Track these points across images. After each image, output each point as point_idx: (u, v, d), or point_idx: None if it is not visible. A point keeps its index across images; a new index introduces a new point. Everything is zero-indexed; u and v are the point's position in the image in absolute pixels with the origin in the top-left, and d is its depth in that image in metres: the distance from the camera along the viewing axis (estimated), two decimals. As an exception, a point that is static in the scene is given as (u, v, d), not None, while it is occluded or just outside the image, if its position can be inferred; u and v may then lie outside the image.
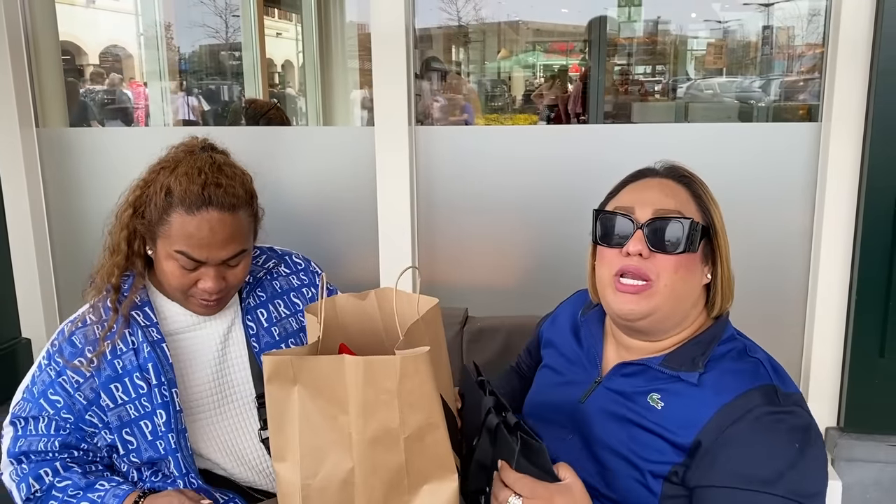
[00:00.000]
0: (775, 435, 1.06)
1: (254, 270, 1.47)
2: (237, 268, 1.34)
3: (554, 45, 8.13)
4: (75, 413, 1.32)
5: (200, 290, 1.32)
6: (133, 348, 1.32)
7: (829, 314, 2.03)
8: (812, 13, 5.11)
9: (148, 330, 1.34)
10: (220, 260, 1.30)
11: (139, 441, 1.32)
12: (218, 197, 1.28)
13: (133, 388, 1.31)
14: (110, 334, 1.32)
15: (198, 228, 1.27)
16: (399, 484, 0.96)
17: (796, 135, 2.05)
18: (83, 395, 1.31)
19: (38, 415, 1.33)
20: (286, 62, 10.17)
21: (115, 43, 10.58)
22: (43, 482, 1.32)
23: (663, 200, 1.18)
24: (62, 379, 1.32)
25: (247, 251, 1.36)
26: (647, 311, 1.17)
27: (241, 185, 1.35)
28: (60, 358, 1.32)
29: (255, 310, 1.45)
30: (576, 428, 1.24)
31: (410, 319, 1.01)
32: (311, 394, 0.95)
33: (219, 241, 1.29)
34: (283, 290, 1.50)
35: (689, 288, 1.18)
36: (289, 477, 0.98)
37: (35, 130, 2.36)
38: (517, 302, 2.24)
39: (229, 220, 1.29)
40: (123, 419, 1.31)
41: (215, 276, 1.31)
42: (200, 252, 1.28)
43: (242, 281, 1.38)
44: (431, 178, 2.20)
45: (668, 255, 1.15)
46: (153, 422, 1.31)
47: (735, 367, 1.15)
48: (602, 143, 2.16)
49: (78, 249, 2.44)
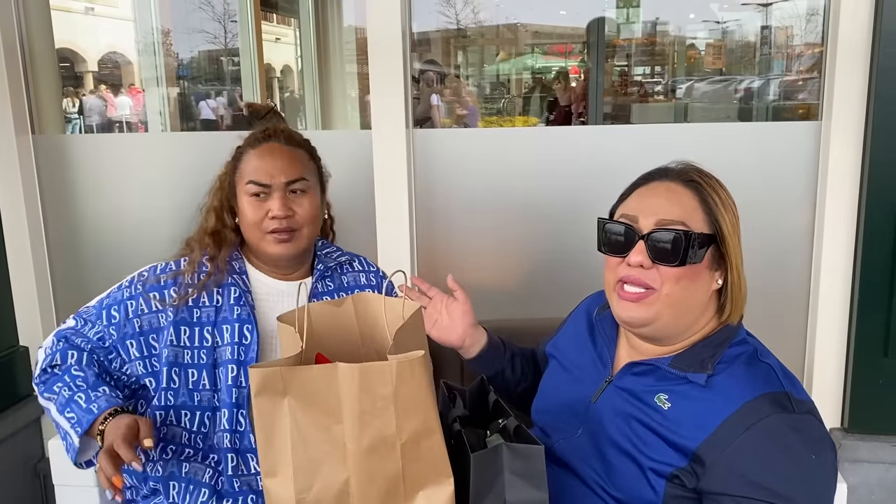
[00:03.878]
0: (790, 446, 1.05)
1: (327, 260, 1.60)
2: (303, 199, 1.48)
3: (553, 47, 8.13)
4: (121, 333, 1.44)
5: (270, 221, 1.45)
6: (216, 306, 1.46)
7: (831, 314, 2.01)
8: (811, 12, 5.10)
9: (246, 296, 1.48)
10: (283, 182, 1.46)
11: (181, 385, 1.43)
12: (277, 133, 1.53)
13: (199, 338, 1.44)
14: (204, 284, 1.47)
15: (261, 157, 1.48)
16: (396, 491, 0.95)
17: (796, 134, 2.03)
18: (139, 323, 1.44)
19: (94, 321, 1.47)
20: (285, 67, 10.19)
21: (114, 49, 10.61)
22: (65, 362, 1.44)
23: (668, 209, 1.17)
24: (129, 303, 1.46)
25: (310, 183, 1.50)
26: (648, 319, 1.17)
27: (302, 137, 1.58)
28: (140, 286, 1.48)
29: (321, 296, 1.56)
30: (586, 426, 1.24)
31: (395, 324, 1.00)
32: (303, 405, 0.94)
33: (280, 166, 1.46)
34: (350, 286, 1.61)
35: (694, 296, 1.17)
36: (281, 493, 0.96)
37: (31, 137, 2.35)
38: (516, 306, 2.22)
39: (288, 151, 1.50)
40: (178, 360, 1.43)
41: (281, 201, 1.44)
42: (266, 176, 1.46)
43: (311, 219, 1.49)
44: (429, 182, 2.19)
45: (670, 268, 1.15)
46: (200, 375, 1.43)
47: (746, 371, 1.14)
48: (601, 145, 2.15)
49: (75, 256, 2.43)
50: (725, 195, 1.20)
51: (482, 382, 1.25)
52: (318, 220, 1.54)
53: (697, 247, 1.14)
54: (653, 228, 1.16)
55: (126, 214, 2.38)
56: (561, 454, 1.25)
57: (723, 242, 1.17)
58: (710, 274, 1.18)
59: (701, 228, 1.16)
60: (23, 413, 2.35)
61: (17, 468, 2.34)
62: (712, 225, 1.17)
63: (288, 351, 1.03)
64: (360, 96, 5.92)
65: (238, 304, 1.46)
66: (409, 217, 2.16)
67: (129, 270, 2.36)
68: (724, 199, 1.19)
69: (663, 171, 1.24)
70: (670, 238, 1.14)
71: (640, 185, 1.25)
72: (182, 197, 2.35)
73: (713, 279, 1.19)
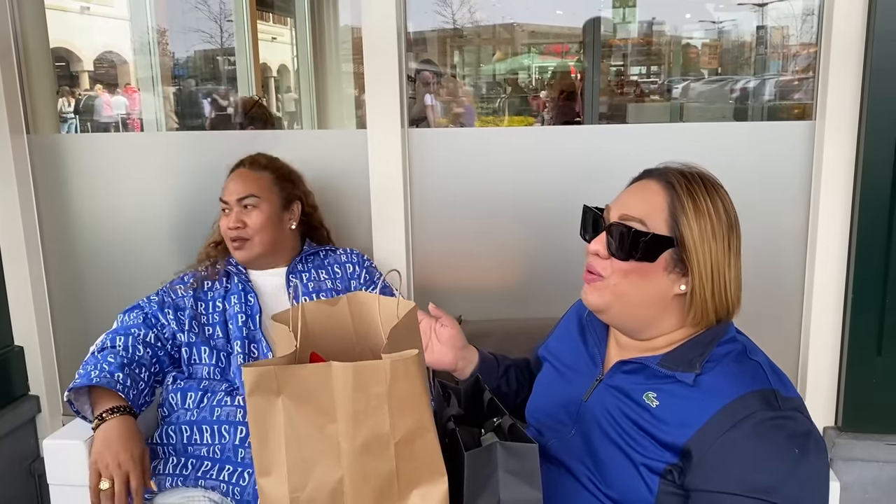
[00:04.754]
0: (775, 441, 1.06)
1: (308, 250, 1.96)
2: (251, 212, 1.84)
3: (549, 47, 8.14)
4: (157, 304, 1.84)
5: (228, 230, 1.84)
6: (224, 286, 1.87)
7: (825, 313, 2.02)
8: (806, 13, 5.12)
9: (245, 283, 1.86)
10: (236, 199, 1.85)
11: (200, 332, 1.80)
12: (246, 161, 1.93)
13: (213, 306, 1.84)
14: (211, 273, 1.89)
15: (229, 180, 1.90)
16: (389, 490, 0.95)
17: (790, 134, 2.04)
18: (171, 298, 1.85)
19: (136, 306, 1.86)
20: (282, 66, 10.16)
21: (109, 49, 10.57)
22: (103, 346, 1.75)
23: (634, 206, 1.19)
24: (163, 290, 1.89)
25: (262, 199, 1.86)
26: (599, 305, 1.22)
27: (270, 161, 1.95)
28: (169, 284, 1.91)
29: (300, 273, 1.91)
30: (578, 425, 1.25)
31: (390, 323, 1.00)
32: (297, 404, 0.93)
33: (237, 187, 1.86)
34: (330, 263, 1.97)
35: (644, 295, 1.19)
36: (275, 492, 0.96)
37: (26, 137, 2.35)
38: (511, 306, 2.23)
39: (248, 174, 1.89)
40: (198, 318, 1.82)
41: (234, 215, 1.84)
42: (226, 194, 1.87)
43: (259, 229, 1.84)
44: (425, 181, 2.19)
45: (618, 261, 1.18)
46: (214, 329, 1.80)
47: (734, 369, 1.15)
48: (597, 144, 2.15)
49: (70, 256, 2.43)
50: (705, 203, 1.16)
51: (477, 381, 1.25)
52: (270, 229, 1.87)
53: (647, 246, 1.15)
54: (613, 221, 1.19)
55: (122, 213, 2.38)
56: (555, 453, 1.26)
57: (683, 248, 1.16)
58: (668, 277, 1.18)
59: (658, 230, 1.16)
60: (17, 413, 2.36)
61: (12, 468, 2.34)
62: (673, 229, 1.16)
63: (282, 350, 1.03)
64: (356, 96, 5.91)
65: (240, 283, 1.86)
66: (405, 216, 2.16)
67: (125, 270, 2.39)
68: (700, 207, 1.16)
69: (656, 170, 1.25)
70: (623, 233, 1.17)
71: (634, 181, 1.27)
72: (178, 195, 2.35)
73: (673, 283, 1.18)
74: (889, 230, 1.90)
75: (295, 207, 1.94)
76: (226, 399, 1.71)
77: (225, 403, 1.70)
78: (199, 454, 1.68)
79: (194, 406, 1.72)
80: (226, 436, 1.67)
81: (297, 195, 1.96)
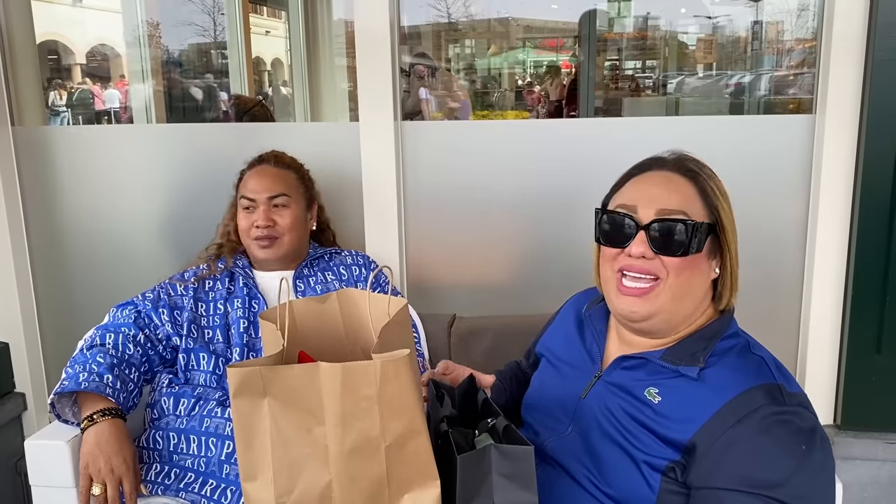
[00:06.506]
0: (780, 437, 1.03)
1: (314, 254, 1.91)
2: (283, 211, 1.80)
3: (544, 41, 8.13)
4: (152, 302, 1.76)
5: (255, 230, 1.78)
6: (227, 289, 1.80)
7: (824, 310, 2.00)
8: (801, 8, 5.10)
9: (251, 287, 1.80)
10: (266, 198, 1.79)
11: (199, 337, 1.73)
12: (269, 157, 1.88)
13: (214, 308, 1.78)
14: (211, 275, 1.83)
15: (252, 177, 1.83)
16: (380, 495, 0.92)
17: (790, 128, 2.01)
18: (169, 297, 1.78)
19: (130, 302, 1.79)
20: (276, 60, 10.12)
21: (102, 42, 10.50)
22: (93, 342, 1.68)
23: (667, 198, 1.16)
24: (160, 287, 1.81)
25: (291, 198, 1.82)
26: (650, 313, 1.16)
27: (292, 160, 1.91)
28: (168, 280, 1.84)
29: (306, 278, 1.86)
30: (575, 423, 1.23)
31: (381, 321, 0.97)
32: (283, 406, 0.90)
33: (266, 185, 1.80)
34: (336, 265, 1.91)
35: (695, 287, 1.17)
36: (260, 496, 0.92)
37: (10, 129, 2.30)
38: (506, 301, 2.19)
39: (275, 171, 1.84)
40: (197, 321, 1.75)
41: (264, 213, 1.78)
42: (253, 192, 1.80)
43: (290, 228, 1.80)
44: (418, 175, 2.15)
45: (673, 258, 1.14)
46: (214, 333, 1.74)
47: (738, 363, 1.13)
48: (592, 138, 2.12)
49: (57, 251, 2.38)
50: (720, 184, 1.20)
51: (471, 381, 1.23)
52: (299, 229, 1.83)
53: (699, 236, 1.14)
54: (653, 218, 1.15)
55: (110, 207, 2.33)
56: (551, 453, 1.23)
57: (722, 231, 1.17)
58: (709, 263, 1.18)
59: (701, 217, 1.15)
60: (3, 410, 2.32)
61: (-3, 466, 2.31)
62: (711, 214, 1.17)
63: (269, 349, 1.00)
64: (349, 89, 5.88)
65: (246, 286, 1.80)
66: (398, 210, 2.13)
67: (113, 264, 2.34)
68: (721, 188, 1.19)
69: (659, 161, 1.22)
70: (672, 228, 1.13)
71: (634, 175, 1.23)
72: (169, 189, 2.31)
73: (711, 268, 1.18)
74: (889, 227, 1.88)
75: (314, 208, 1.92)
76: (216, 410, 1.64)
77: (215, 415, 1.63)
78: (184, 465, 1.61)
79: (185, 413, 1.66)
80: (212, 449, 1.60)
81: (314, 195, 1.93)
